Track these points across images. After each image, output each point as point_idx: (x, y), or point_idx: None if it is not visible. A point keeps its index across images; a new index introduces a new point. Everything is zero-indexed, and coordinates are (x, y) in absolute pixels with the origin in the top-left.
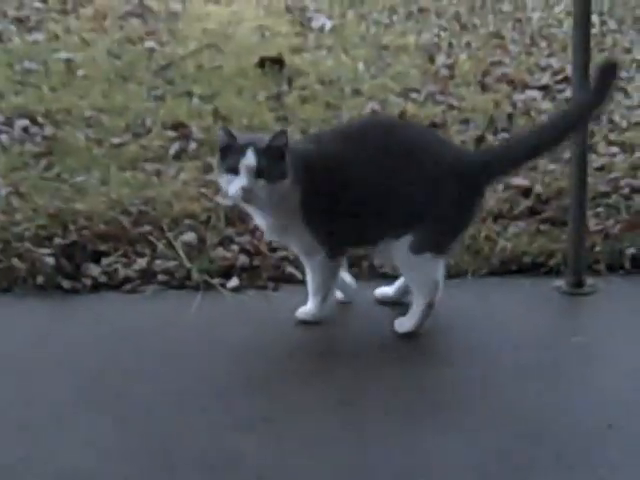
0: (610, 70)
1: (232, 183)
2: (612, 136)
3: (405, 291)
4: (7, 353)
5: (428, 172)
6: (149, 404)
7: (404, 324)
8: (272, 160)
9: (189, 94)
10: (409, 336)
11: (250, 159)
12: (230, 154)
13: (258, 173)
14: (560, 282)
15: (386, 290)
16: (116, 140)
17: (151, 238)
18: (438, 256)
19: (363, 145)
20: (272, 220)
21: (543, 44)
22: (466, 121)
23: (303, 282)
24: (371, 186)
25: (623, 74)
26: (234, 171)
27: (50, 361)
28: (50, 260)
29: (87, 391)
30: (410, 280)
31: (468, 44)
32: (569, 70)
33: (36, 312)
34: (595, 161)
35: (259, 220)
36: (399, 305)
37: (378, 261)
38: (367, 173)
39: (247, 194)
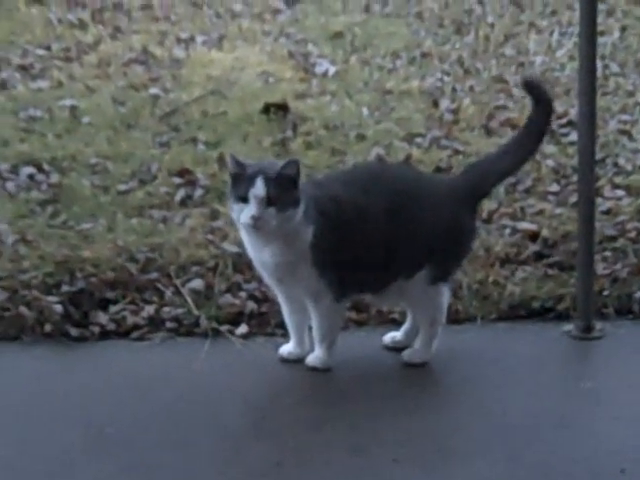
0: (532, 83)
1: (243, 212)
2: (617, 179)
3: (413, 334)
4: (15, 401)
5: (431, 207)
6: (157, 452)
7: (419, 354)
8: (282, 188)
9: (194, 140)
10: (423, 365)
11: (259, 188)
12: (240, 183)
13: (268, 201)
14: (569, 327)
15: (394, 335)
16: (122, 187)
17: (159, 285)
18: (448, 282)
19: (367, 190)
20: (280, 257)
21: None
22: None
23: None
24: (384, 231)
25: (627, 117)
26: (244, 200)
27: (57, 409)
28: (58, 308)
29: (94, 439)
30: (421, 311)
31: (471, 88)
32: (573, 114)
33: (44, 360)
34: (601, 205)
35: (266, 257)
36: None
37: (381, 305)
38: (378, 219)
39: (258, 222)
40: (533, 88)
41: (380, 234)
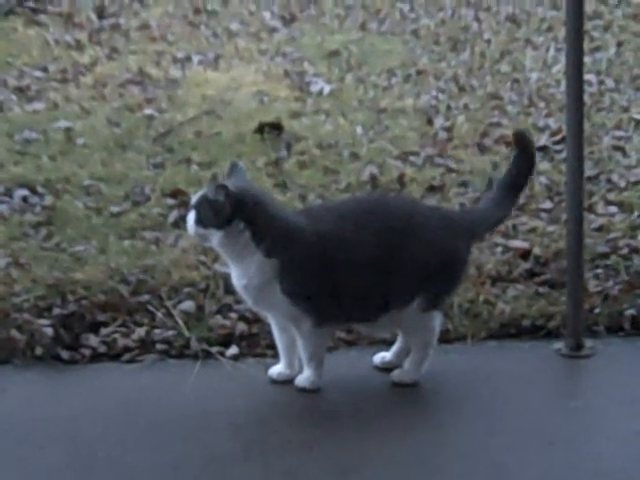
0: (521, 137)
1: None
2: (611, 196)
3: (403, 355)
4: (5, 425)
5: (425, 240)
6: (147, 475)
7: (408, 374)
8: (204, 209)
9: (188, 161)
10: (412, 385)
11: (191, 205)
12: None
13: (196, 218)
14: (559, 345)
15: (384, 355)
16: (115, 209)
17: (150, 307)
18: (440, 309)
19: (358, 224)
20: (245, 280)
21: (541, 104)
22: (465, 184)
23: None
24: (372, 264)
25: (621, 134)
26: None
27: (48, 432)
28: (49, 331)
29: (83, 462)
30: (413, 337)
31: (466, 106)
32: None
33: (35, 384)
34: (594, 221)
35: (234, 279)
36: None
37: (373, 334)
38: (366, 252)
39: (195, 236)
40: (521, 140)
41: (367, 267)
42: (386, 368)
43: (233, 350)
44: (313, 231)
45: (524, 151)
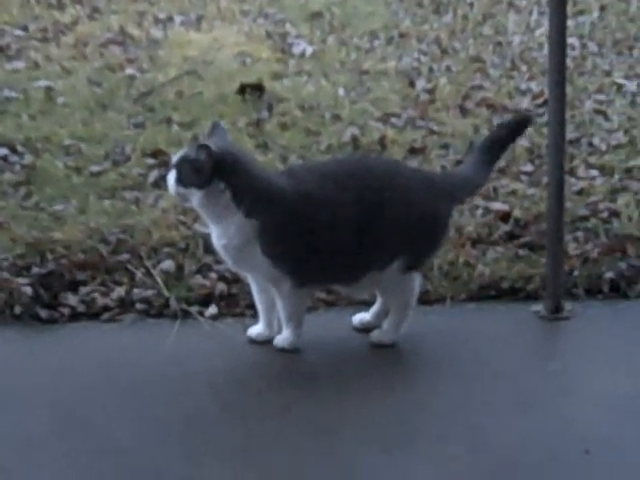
0: (524, 121)
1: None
2: (592, 159)
3: (382, 316)
4: None
5: (406, 201)
6: (125, 435)
7: (387, 335)
8: (184, 168)
9: (169, 121)
10: (391, 346)
11: (172, 165)
12: None
13: (177, 180)
14: (538, 307)
15: (363, 316)
16: (95, 168)
17: (129, 267)
18: (419, 271)
19: (340, 185)
20: (224, 240)
21: (523, 68)
22: (446, 146)
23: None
24: (352, 225)
25: (603, 97)
26: None
27: (27, 391)
28: (28, 290)
29: (62, 422)
30: (393, 298)
31: (448, 68)
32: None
33: (13, 342)
34: (575, 185)
35: (214, 239)
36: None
37: (353, 295)
38: (347, 213)
39: (176, 196)
40: (523, 123)
41: (347, 228)
42: (365, 329)
43: (212, 310)
44: (294, 192)
45: (517, 130)
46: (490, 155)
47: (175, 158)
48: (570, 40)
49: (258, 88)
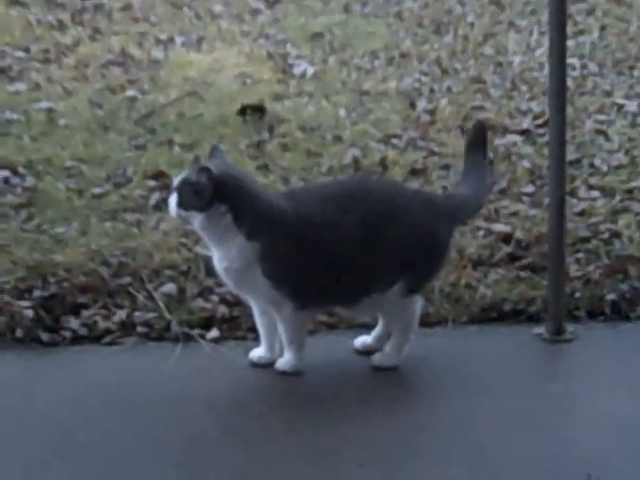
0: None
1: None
2: (593, 180)
3: (384, 338)
4: None
5: (408, 224)
6: (126, 458)
7: (389, 358)
8: (185, 191)
9: (170, 143)
10: (393, 369)
11: (173, 188)
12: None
13: (177, 201)
14: (540, 329)
15: (365, 339)
16: (97, 190)
17: (131, 289)
18: (421, 293)
19: (341, 207)
20: (226, 262)
21: (524, 88)
22: (447, 167)
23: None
24: (353, 248)
25: (603, 117)
26: None
27: (29, 415)
28: (29, 313)
29: (66, 445)
30: (394, 321)
31: (449, 89)
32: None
33: (15, 366)
34: (576, 206)
35: (215, 262)
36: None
37: (354, 317)
38: (349, 235)
39: (178, 219)
40: (481, 131)
41: (348, 251)
42: (367, 352)
43: (214, 333)
44: (295, 214)
45: (480, 140)
46: (480, 172)
47: (176, 181)
48: (570, 60)
49: (259, 109)
